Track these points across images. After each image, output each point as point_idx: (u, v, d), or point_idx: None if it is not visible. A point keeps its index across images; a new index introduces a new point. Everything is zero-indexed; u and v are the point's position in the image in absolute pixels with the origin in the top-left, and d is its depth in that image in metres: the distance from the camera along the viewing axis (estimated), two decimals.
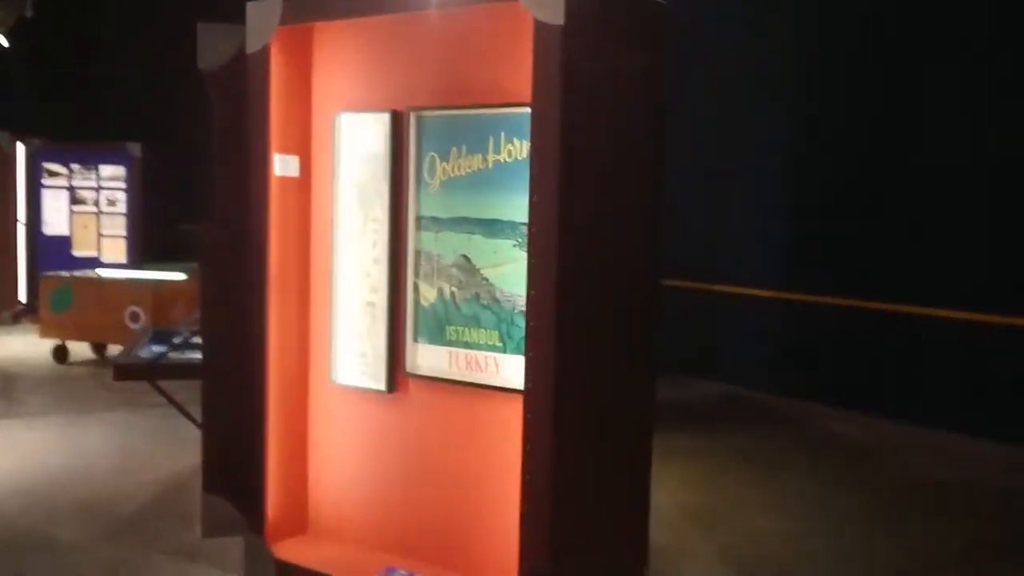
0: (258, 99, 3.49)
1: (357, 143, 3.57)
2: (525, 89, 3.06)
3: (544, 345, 2.89)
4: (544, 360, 2.89)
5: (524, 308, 3.16)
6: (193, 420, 4.52)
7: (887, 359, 7.25)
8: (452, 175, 3.36)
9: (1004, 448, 6.16)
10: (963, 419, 6.60)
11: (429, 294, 3.44)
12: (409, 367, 3.49)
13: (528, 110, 3.09)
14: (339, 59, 3.62)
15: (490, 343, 3.31)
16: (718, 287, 8.50)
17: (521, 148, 3.19)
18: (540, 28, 2.83)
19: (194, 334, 4.56)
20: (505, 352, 3.28)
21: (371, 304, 3.58)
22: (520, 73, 3.10)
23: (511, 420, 3.24)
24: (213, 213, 3.79)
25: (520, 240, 3.20)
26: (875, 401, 7.18)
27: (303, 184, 3.70)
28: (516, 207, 3.20)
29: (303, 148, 3.69)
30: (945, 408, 6.75)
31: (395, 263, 3.51)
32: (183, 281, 8.12)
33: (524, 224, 3.15)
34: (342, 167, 3.62)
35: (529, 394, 2.93)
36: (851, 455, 6.22)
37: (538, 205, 2.87)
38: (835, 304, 7.66)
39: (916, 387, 7.01)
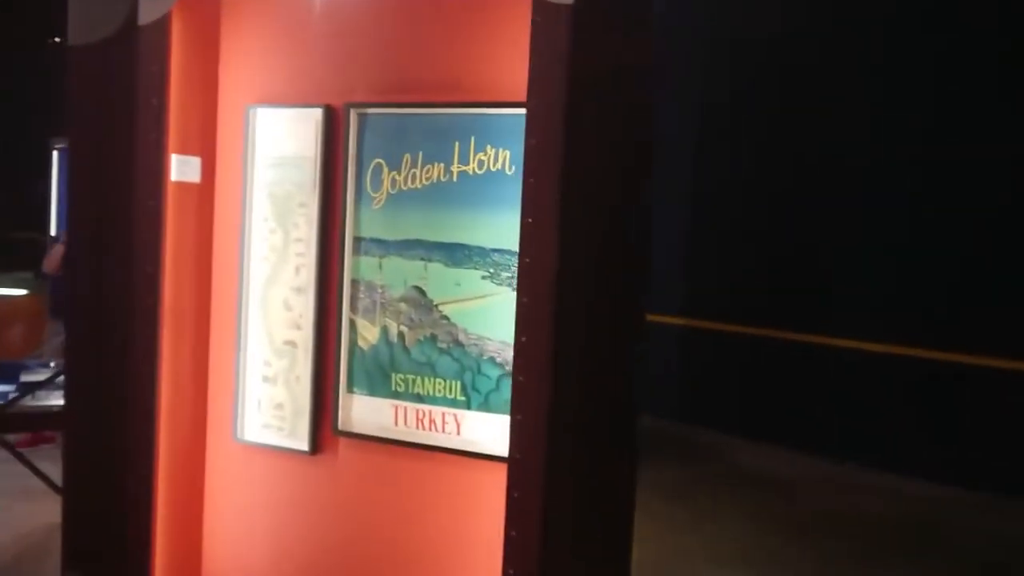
0: (153, 84, 2.74)
1: (277, 145, 2.88)
2: (507, 84, 2.50)
3: (536, 406, 2.29)
4: (535, 425, 2.30)
5: (495, 355, 2.57)
6: (50, 483, 3.66)
7: (794, 389, 7.01)
8: (403, 188, 2.72)
9: (921, 483, 5.96)
10: (875, 453, 6.39)
11: (369, 334, 2.78)
12: (341, 424, 2.82)
13: (508, 111, 2.52)
14: (254, 41, 2.92)
15: (449, 396, 2.68)
16: None
17: (496, 158, 2.59)
18: (542, 8, 2.25)
19: (56, 374, 3.70)
20: (469, 408, 2.66)
21: (291, 344, 2.89)
22: (502, 64, 2.53)
23: (475, 491, 2.64)
24: (82, 225, 3.00)
25: (492, 271, 2.60)
26: (781, 431, 6.91)
27: (205, 192, 2.97)
28: (487, 230, 2.60)
29: (206, 148, 2.96)
30: (856, 441, 6.53)
31: (324, 294, 2.84)
32: (22, 298, 7.04)
33: (497, 251, 2.57)
34: (256, 173, 2.91)
35: (515, 466, 2.32)
36: (776, 492, 5.89)
37: (534, 229, 2.28)
38: (737, 332, 7.39)
39: (825, 419, 6.78)
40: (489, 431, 2.62)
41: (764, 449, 6.72)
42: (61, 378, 3.48)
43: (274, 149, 2.88)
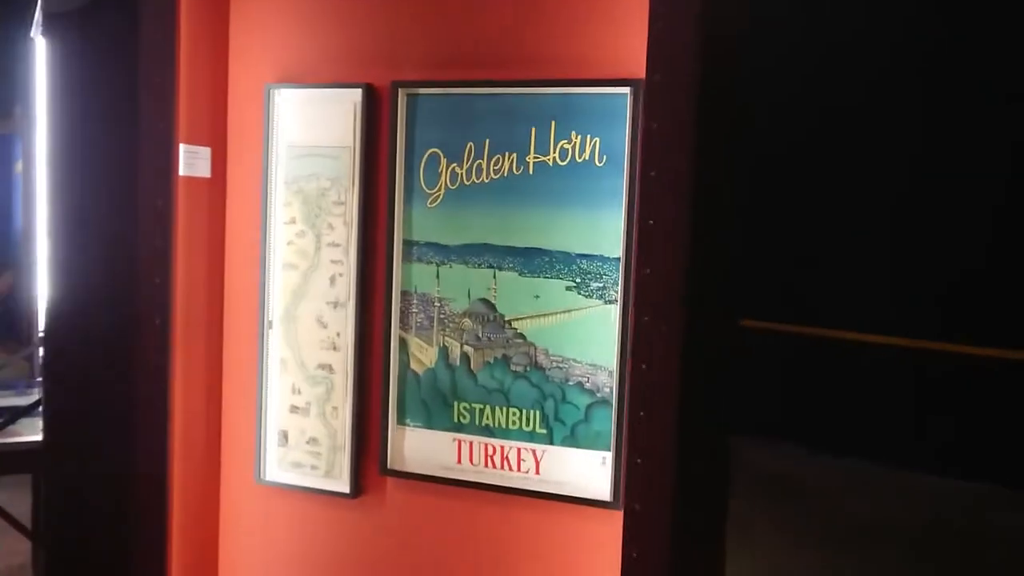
0: (158, 58, 2.26)
1: (305, 132, 2.42)
2: (596, 57, 2.09)
3: (662, 447, 1.90)
4: (661, 470, 1.90)
5: (583, 379, 2.17)
6: (20, 526, 3.14)
7: (783, 381, 6.75)
8: (466, 183, 2.28)
9: (937, 482, 5.73)
10: (878, 449, 6.16)
11: (425, 356, 2.35)
12: (391, 461, 2.38)
13: (599, 91, 2.12)
14: (274, 5, 2.45)
15: (527, 429, 2.27)
16: None
17: (583, 146, 2.17)
18: None
19: (36, 403, 3.17)
20: (551, 443, 2.25)
21: (327, 368, 2.44)
22: (589, 32, 2.11)
23: (558, 541, 2.23)
24: (66, 230, 2.51)
25: (578, 281, 2.19)
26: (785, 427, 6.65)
27: (216, 189, 2.50)
28: (572, 232, 2.19)
29: (216, 136, 2.49)
30: (856, 437, 6.30)
31: (367, 308, 2.39)
32: None
33: (585, 257, 2.17)
34: (279, 166, 2.45)
35: (635, 520, 1.93)
36: (795, 494, 5.59)
37: (657, 234, 1.88)
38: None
39: (821, 411, 6.53)
40: (576, 469, 2.21)
41: (766, 445, 6.44)
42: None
43: (301, 137, 2.42)
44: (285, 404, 2.48)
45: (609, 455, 2.17)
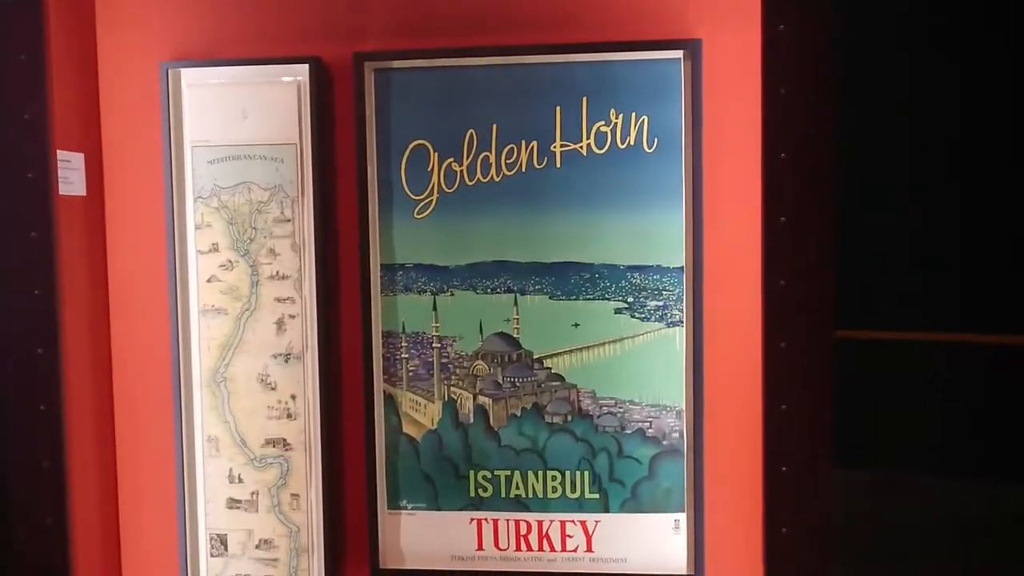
0: (21, 35, 1.53)
1: (225, 127, 1.77)
2: (644, 14, 1.62)
3: (809, 512, 1.47)
4: (809, 541, 1.47)
5: (645, 425, 1.71)
6: None
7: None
8: (468, 183, 1.73)
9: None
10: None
11: (423, 414, 1.78)
12: (384, 559, 1.79)
13: (646, 55, 1.66)
14: None
15: (572, 496, 1.76)
16: None
17: (626, 128, 1.69)
18: None
19: None
20: (607, 510, 1.75)
21: (279, 443, 1.80)
22: None
23: None
24: None
25: (631, 301, 1.71)
26: None
27: (92, 211, 1.78)
28: (619, 240, 1.71)
29: (89, 137, 1.77)
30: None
31: (333, 358, 1.78)
32: None
33: (638, 269, 1.70)
34: (188, 175, 1.78)
35: None
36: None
37: (792, 235, 1.44)
38: None
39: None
40: (641, 540, 1.74)
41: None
42: None
43: (220, 134, 1.76)
44: (220, 498, 1.82)
45: (683, 517, 1.72)
